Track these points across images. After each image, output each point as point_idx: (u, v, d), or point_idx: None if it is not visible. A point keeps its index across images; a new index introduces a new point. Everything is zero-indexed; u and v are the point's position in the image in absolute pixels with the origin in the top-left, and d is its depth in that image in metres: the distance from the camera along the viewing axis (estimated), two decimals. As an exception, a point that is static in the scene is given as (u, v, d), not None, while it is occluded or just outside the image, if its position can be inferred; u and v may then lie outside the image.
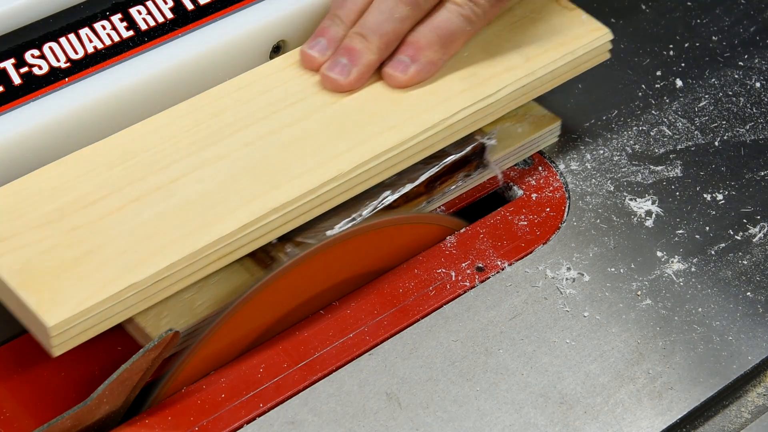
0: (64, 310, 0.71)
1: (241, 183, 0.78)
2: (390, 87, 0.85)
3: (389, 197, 0.84)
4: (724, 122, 0.97)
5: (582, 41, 0.89)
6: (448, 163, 0.86)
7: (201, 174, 0.79)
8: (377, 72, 0.86)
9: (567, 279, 0.85)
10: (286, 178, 0.78)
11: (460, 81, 0.85)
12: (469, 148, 0.87)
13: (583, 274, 0.85)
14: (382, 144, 0.81)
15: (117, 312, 0.73)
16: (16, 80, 0.82)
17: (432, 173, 0.86)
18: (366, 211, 0.83)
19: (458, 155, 0.87)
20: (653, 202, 0.90)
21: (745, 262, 0.87)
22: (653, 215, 0.90)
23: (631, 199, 0.91)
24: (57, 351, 0.71)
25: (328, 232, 0.81)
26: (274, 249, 0.80)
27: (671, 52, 1.02)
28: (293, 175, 0.79)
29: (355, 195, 0.81)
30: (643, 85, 1.00)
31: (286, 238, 0.80)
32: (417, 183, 0.85)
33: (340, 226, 0.81)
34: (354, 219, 0.82)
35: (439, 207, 0.89)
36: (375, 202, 0.84)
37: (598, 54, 0.90)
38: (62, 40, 0.84)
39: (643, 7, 1.06)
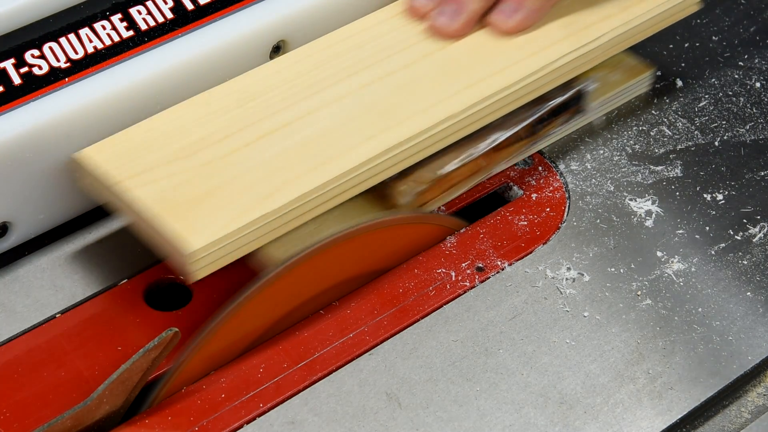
0: (200, 238, 0.75)
1: (360, 122, 0.82)
2: (494, 35, 0.88)
3: (499, 137, 0.88)
4: (724, 122, 0.97)
5: None
6: (552, 107, 0.91)
7: (320, 115, 0.83)
8: (480, 21, 0.89)
9: (567, 279, 0.85)
10: (403, 117, 0.83)
11: (561, 29, 0.89)
12: (570, 93, 0.91)
13: (583, 274, 0.85)
14: (490, 87, 0.85)
15: (249, 241, 0.77)
16: (16, 80, 0.82)
17: (537, 116, 0.90)
18: (477, 150, 0.87)
19: (560, 99, 0.91)
20: (653, 202, 0.90)
21: (745, 262, 0.87)
22: (653, 215, 0.90)
23: (631, 199, 0.91)
24: (195, 276, 0.76)
25: (439, 171, 0.86)
26: (389, 186, 0.85)
27: (671, 52, 1.02)
28: (409, 114, 0.83)
29: (465, 135, 0.85)
30: (642, 85, 1.00)
31: (402, 176, 0.85)
32: (525, 124, 0.89)
33: (453, 164, 0.86)
34: (465, 158, 0.87)
35: (439, 208, 0.89)
36: (485, 143, 0.88)
37: (689, 5, 0.94)
38: (62, 40, 0.84)
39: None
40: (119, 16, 0.86)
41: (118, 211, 0.80)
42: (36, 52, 0.83)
